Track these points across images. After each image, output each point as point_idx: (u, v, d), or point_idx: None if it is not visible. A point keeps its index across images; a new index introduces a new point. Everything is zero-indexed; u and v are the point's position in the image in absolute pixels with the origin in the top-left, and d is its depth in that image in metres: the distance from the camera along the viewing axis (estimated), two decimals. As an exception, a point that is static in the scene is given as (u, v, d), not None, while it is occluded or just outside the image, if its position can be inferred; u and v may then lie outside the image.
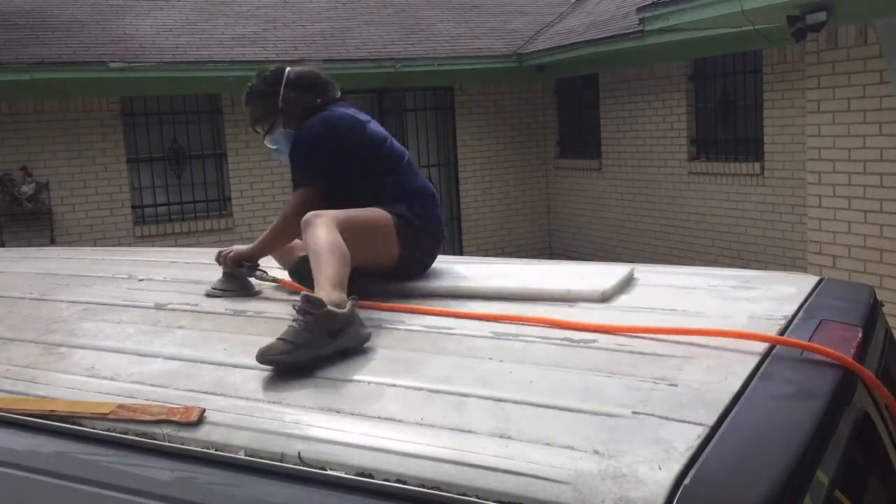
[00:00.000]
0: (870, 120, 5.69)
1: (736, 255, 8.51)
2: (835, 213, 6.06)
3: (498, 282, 2.27)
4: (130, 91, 9.35)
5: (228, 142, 9.94)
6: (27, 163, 9.00)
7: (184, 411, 1.43)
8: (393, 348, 1.78)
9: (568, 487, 1.11)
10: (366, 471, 1.21)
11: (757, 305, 1.91)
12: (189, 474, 1.30)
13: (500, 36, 11.33)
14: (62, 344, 1.93)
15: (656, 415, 1.30)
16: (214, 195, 10.10)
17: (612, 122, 10.31)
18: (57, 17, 9.81)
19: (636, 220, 10.04)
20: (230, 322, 2.08)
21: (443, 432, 1.31)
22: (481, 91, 11.24)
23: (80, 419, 1.45)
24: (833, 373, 1.44)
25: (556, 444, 1.22)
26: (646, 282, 2.25)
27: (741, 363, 1.50)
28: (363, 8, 11.44)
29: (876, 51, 5.56)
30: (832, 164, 6.03)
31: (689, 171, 9.15)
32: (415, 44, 10.56)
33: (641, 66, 9.52)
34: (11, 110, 8.99)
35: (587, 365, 1.57)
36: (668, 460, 1.14)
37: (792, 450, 1.17)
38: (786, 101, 7.74)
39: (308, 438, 1.32)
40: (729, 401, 1.33)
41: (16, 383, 1.67)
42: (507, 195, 11.54)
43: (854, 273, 5.85)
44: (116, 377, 1.67)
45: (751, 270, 2.45)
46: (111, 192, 9.49)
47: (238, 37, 10.03)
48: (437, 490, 1.15)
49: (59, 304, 2.35)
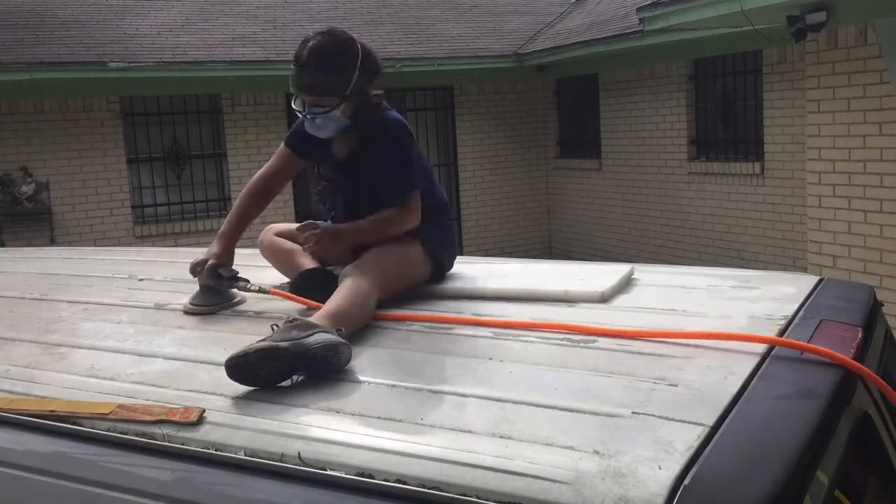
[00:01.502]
0: (870, 120, 5.69)
1: (736, 255, 8.51)
2: (835, 213, 6.06)
3: (498, 282, 2.27)
4: (130, 91, 9.36)
5: (228, 142, 9.95)
6: (27, 163, 9.00)
7: (184, 411, 1.43)
8: (393, 348, 1.78)
9: (568, 487, 1.11)
10: (366, 471, 1.21)
11: (757, 305, 1.91)
12: (189, 474, 1.30)
13: (500, 36, 11.33)
14: (62, 344, 1.93)
15: (656, 415, 1.30)
16: (214, 195, 10.10)
17: (612, 122, 10.31)
18: (57, 17, 9.82)
19: (636, 220, 10.04)
20: (230, 322, 2.08)
21: (443, 432, 1.30)
22: (481, 91, 11.24)
23: (80, 419, 1.45)
24: (833, 373, 1.44)
25: (556, 444, 1.22)
26: (645, 282, 2.25)
27: (741, 363, 1.50)
28: (363, 8, 11.44)
29: (876, 51, 5.56)
30: (832, 164, 6.03)
31: (689, 171, 9.15)
32: (415, 44, 10.56)
33: (641, 66, 9.52)
34: (11, 110, 8.99)
35: (587, 365, 1.57)
36: (668, 460, 1.14)
37: (792, 450, 1.17)
38: (786, 101, 7.74)
39: (308, 438, 1.32)
40: (729, 401, 1.33)
41: (16, 383, 1.67)
42: (507, 195, 11.54)
43: (854, 273, 5.85)
44: (116, 377, 1.67)
45: (751, 270, 2.45)
46: (111, 192, 9.49)
47: (238, 37, 10.04)
48: (437, 490, 1.15)
49: (59, 304, 2.35)
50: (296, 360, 1.57)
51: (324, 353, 1.59)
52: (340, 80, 2.20)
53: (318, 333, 1.63)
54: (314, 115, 2.24)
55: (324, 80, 2.20)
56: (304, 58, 2.19)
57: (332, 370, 1.60)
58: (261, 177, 2.49)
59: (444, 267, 2.37)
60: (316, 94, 2.22)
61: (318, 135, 2.30)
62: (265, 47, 9.87)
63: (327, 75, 2.20)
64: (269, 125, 9.99)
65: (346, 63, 2.21)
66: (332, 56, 2.20)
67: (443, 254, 2.36)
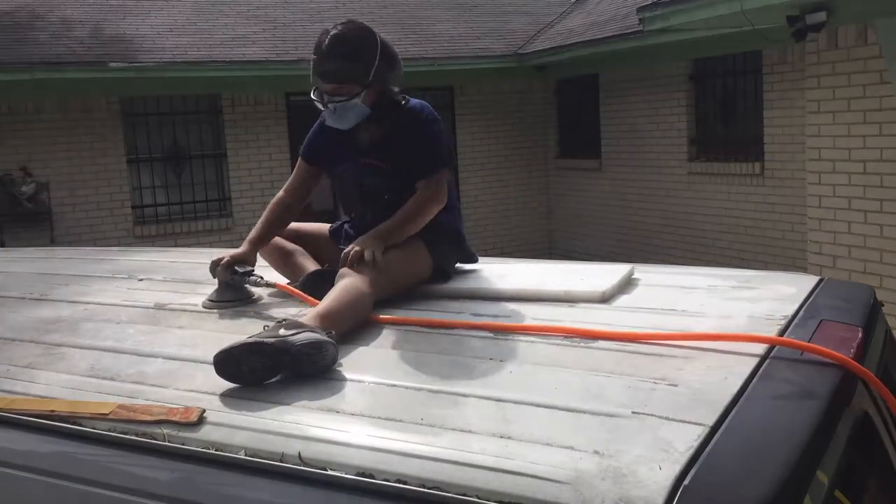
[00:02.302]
0: (870, 120, 5.69)
1: (736, 255, 8.51)
2: (835, 214, 6.06)
3: (498, 282, 2.27)
4: (130, 91, 9.36)
5: (228, 142, 9.94)
6: (27, 163, 9.00)
7: (184, 411, 1.43)
8: (393, 348, 1.78)
9: (568, 487, 1.11)
10: (366, 471, 1.21)
11: (757, 305, 1.91)
12: (189, 474, 1.30)
13: (500, 36, 11.33)
14: (62, 344, 1.93)
15: (656, 415, 1.30)
16: (214, 195, 10.10)
17: (612, 122, 10.31)
18: (57, 17, 9.82)
19: (636, 220, 10.04)
20: (230, 322, 2.08)
21: (443, 432, 1.30)
22: (481, 91, 11.25)
23: (80, 419, 1.45)
24: (833, 373, 1.44)
25: (556, 444, 1.22)
26: (646, 282, 2.25)
27: (741, 363, 1.50)
28: (363, 8, 11.43)
29: (876, 51, 5.56)
30: (832, 164, 6.03)
31: (689, 171, 9.15)
32: (415, 44, 10.56)
33: (641, 66, 9.52)
34: (11, 110, 9.00)
35: (587, 365, 1.57)
36: (668, 460, 1.14)
37: (792, 450, 1.17)
38: (786, 101, 7.74)
39: (308, 438, 1.32)
40: (729, 401, 1.33)
41: (16, 383, 1.67)
42: (507, 195, 11.54)
43: (854, 273, 5.85)
44: (116, 377, 1.67)
45: (751, 270, 2.45)
46: (111, 192, 9.49)
47: (238, 37, 10.04)
48: (437, 490, 1.15)
49: (59, 304, 2.35)
50: (279, 356, 1.56)
51: (308, 351, 1.58)
52: (362, 67, 2.22)
53: (305, 332, 1.62)
54: (335, 105, 2.24)
55: (345, 66, 2.21)
56: (326, 45, 2.21)
57: (318, 370, 1.59)
58: (283, 192, 2.49)
59: (447, 268, 2.37)
60: (337, 82, 2.22)
61: (338, 126, 2.30)
62: (265, 47, 9.87)
63: (349, 62, 2.21)
64: (269, 125, 9.99)
65: (367, 50, 2.23)
66: (354, 43, 2.23)
67: (447, 254, 2.36)
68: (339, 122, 2.29)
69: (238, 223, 9.95)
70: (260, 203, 9.91)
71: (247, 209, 9.98)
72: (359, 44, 2.24)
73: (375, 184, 2.38)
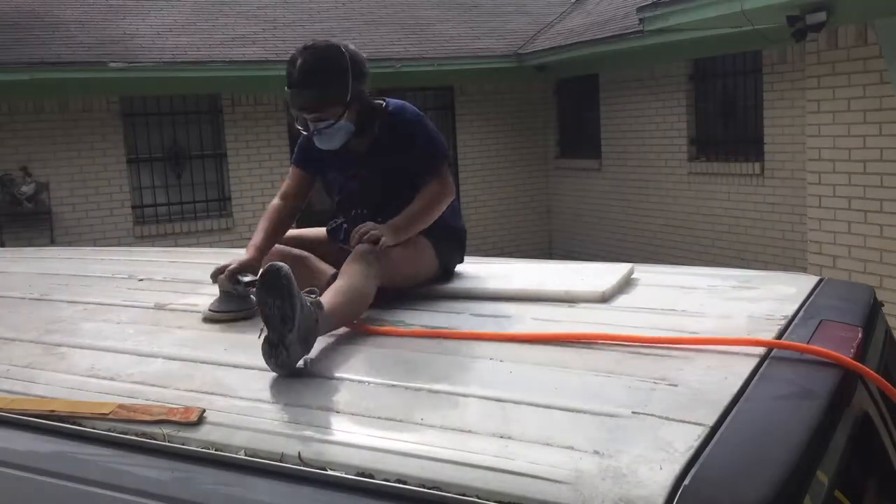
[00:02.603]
0: (870, 120, 5.69)
1: (736, 255, 8.51)
2: (835, 213, 6.06)
3: (498, 282, 2.27)
4: (130, 91, 9.36)
5: (228, 142, 9.94)
6: (27, 163, 9.00)
7: (184, 411, 1.43)
8: (393, 348, 1.78)
9: (568, 487, 1.11)
10: (366, 471, 1.21)
11: (757, 305, 1.91)
12: (189, 474, 1.30)
13: (500, 36, 11.33)
14: (62, 344, 1.93)
15: (656, 415, 1.30)
16: (214, 195, 10.10)
17: (612, 122, 10.30)
18: (57, 17, 9.82)
19: (636, 220, 10.04)
20: (231, 322, 2.08)
21: (443, 432, 1.31)
22: (481, 91, 11.24)
23: (80, 419, 1.45)
24: (833, 373, 1.44)
25: (556, 444, 1.22)
26: (646, 282, 2.25)
27: (741, 363, 1.50)
28: (363, 8, 11.44)
29: (876, 51, 5.56)
30: (832, 164, 6.03)
31: (689, 171, 9.15)
32: (415, 44, 10.56)
33: (641, 66, 9.52)
34: (11, 110, 8.99)
35: (587, 365, 1.57)
36: (668, 460, 1.14)
37: (792, 450, 1.17)
38: (786, 101, 7.74)
39: (308, 438, 1.32)
40: (729, 401, 1.33)
41: (16, 383, 1.67)
42: (507, 195, 11.54)
43: (854, 273, 5.85)
44: (116, 377, 1.67)
45: (751, 270, 2.45)
46: (111, 192, 9.49)
47: (238, 37, 10.04)
48: (437, 490, 1.15)
49: (59, 304, 2.35)
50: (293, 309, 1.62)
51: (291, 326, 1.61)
52: (338, 89, 2.22)
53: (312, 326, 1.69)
54: (320, 131, 2.25)
55: (323, 93, 2.21)
56: (298, 76, 2.20)
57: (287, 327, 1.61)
58: (279, 198, 2.48)
59: (450, 267, 2.38)
60: (318, 110, 2.22)
61: (328, 147, 2.31)
62: (265, 47, 9.87)
63: (324, 88, 2.21)
64: (269, 125, 9.99)
65: (340, 72, 2.22)
66: (325, 68, 2.21)
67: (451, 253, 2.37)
68: (328, 143, 2.29)
69: (238, 223, 9.95)
70: (260, 203, 9.92)
71: (247, 209, 9.98)
72: (331, 67, 2.22)
73: (369, 188, 2.38)
